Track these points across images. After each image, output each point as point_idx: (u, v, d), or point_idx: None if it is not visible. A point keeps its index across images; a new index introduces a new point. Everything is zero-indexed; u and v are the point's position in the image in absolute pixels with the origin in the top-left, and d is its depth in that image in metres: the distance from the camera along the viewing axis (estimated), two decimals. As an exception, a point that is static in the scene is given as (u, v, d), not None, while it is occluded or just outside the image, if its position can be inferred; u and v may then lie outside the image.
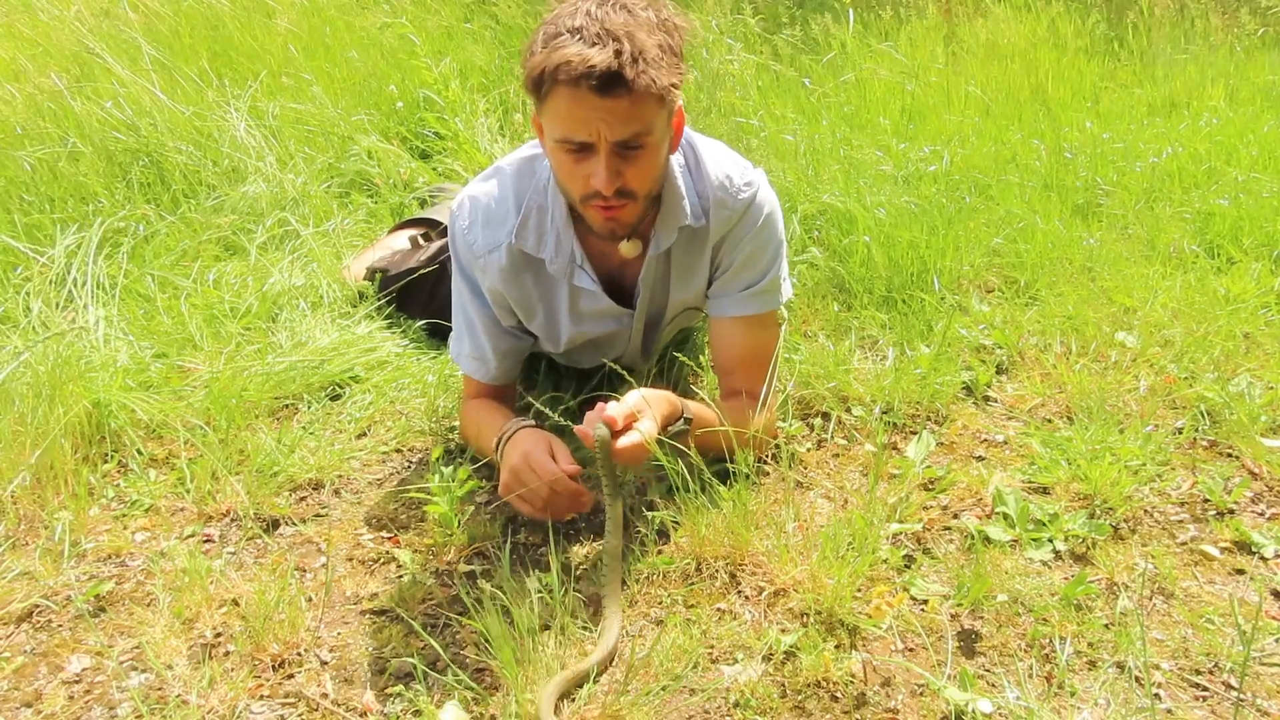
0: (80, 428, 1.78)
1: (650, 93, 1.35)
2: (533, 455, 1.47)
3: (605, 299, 1.67)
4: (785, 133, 2.95)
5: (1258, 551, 1.48)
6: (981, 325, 2.16)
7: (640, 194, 1.47)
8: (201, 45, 3.56)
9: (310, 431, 1.87)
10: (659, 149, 1.46)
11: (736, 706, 1.21)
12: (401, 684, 1.26)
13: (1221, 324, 2.07)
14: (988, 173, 2.89)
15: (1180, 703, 1.21)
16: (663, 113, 1.42)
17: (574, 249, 1.61)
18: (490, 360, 1.73)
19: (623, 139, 1.38)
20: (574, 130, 1.38)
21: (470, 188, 1.67)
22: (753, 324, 1.68)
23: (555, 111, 1.38)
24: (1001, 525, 1.53)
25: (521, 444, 1.51)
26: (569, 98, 1.34)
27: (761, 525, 1.51)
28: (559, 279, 1.65)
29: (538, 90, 1.38)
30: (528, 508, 1.52)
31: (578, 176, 1.44)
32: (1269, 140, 3.16)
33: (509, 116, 3.42)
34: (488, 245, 1.62)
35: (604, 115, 1.35)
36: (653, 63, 1.34)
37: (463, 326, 1.74)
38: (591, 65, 1.30)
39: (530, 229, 1.60)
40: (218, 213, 2.66)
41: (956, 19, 4.44)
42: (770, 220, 1.66)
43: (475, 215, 1.63)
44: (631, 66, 1.32)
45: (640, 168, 1.44)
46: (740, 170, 1.64)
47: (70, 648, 1.36)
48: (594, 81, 1.31)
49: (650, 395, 1.47)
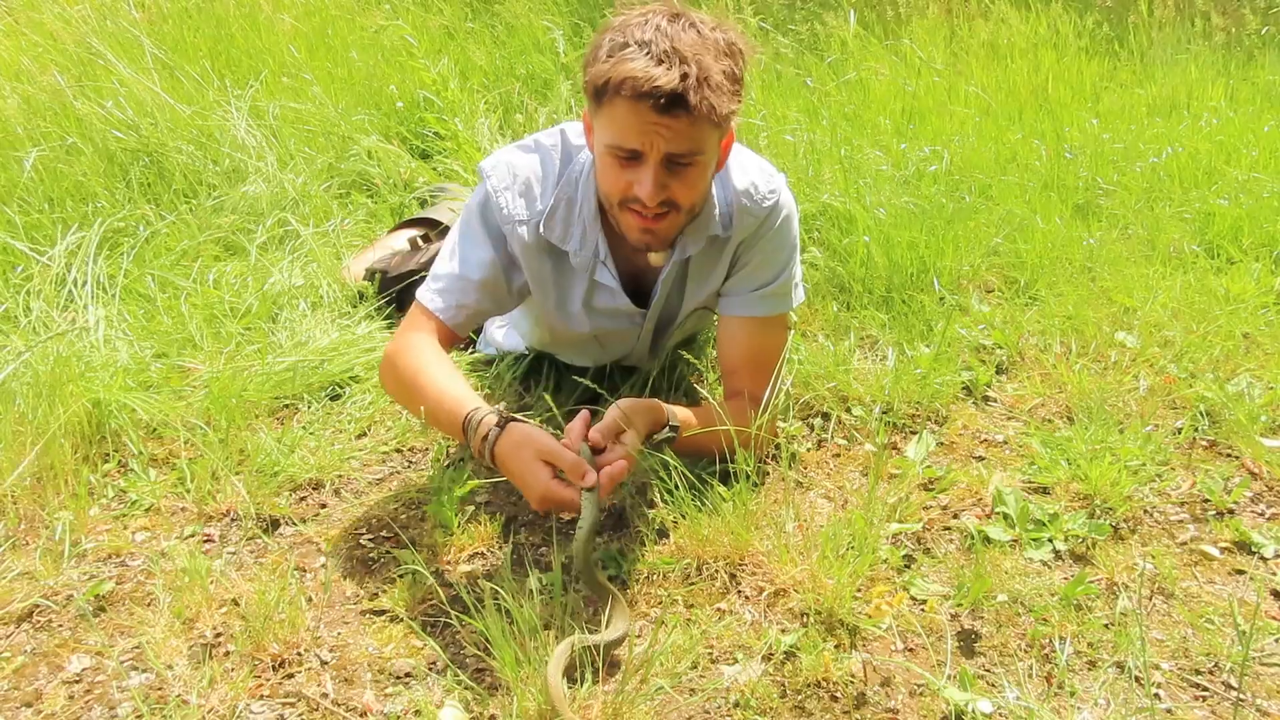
0: (80, 427, 1.78)
1: (710, 118, 1.36)
2: (554, 488, 1.38)
3: (623, 297, 1.67)
4: (785, 132, 2.95)
5: (1257, 551, 1.48)
6: (981, 325, 2.16)
7: (684, 208, 1.48)
8: (204, 44, 3.56)
9: (310, 431, 1.87)
10: (707, 168, 1.47)
11: (736, 706, 1.21)
12: (401, 684, 1.27)
13: (1221, 324, 2.07)
14: (988, 172, 2.89)
15: (1180, 703, 1.21)
16: (717, 134, 1.43)
17: (599, 244, 1.61)
18: (469, 293, 1.63)
19: (675, 154, 1.39)
20: (628, 139, 1.39)
21: (510, 154, 1.64)
22: (761, 325, 1.69)
23: (612, 120, 1.39)
24: (1001, 525, 1.53)
25: (532, 466, 1.39)
26: (629, 111, 1.35)
27: (761, 525, 1.51)
28: (580, 271, 1.65)
29: (598, 97, 1.39)
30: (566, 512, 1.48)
31: (622, 181, 1.44)
32: (1269, 140, 3.16)
33: (509, 116, 3.42)
34: (517, 216, 1.60)
35: (661, 130, 1.36)
36: (716, 89, 1.34)
37: (453, 251, 1.66)
38: (657, 85, 1.31)
39: (558, 219, 1.60)
40: (218, 213, 2.66)
41: (957, 19, 4.44)
42: (788, 224, 1.67)
43: (511, 181, 1.61)
44: (696, 91, 1.32)
45: (687, 183, 1.45)
46: (766, 178, 1.65)
47: (70, 648, 1.36)
48: (658, 101, 1.32)
49: (632, 407, 1.47)
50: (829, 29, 4.01)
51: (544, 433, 1.42)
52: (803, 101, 3.33)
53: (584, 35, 3.99)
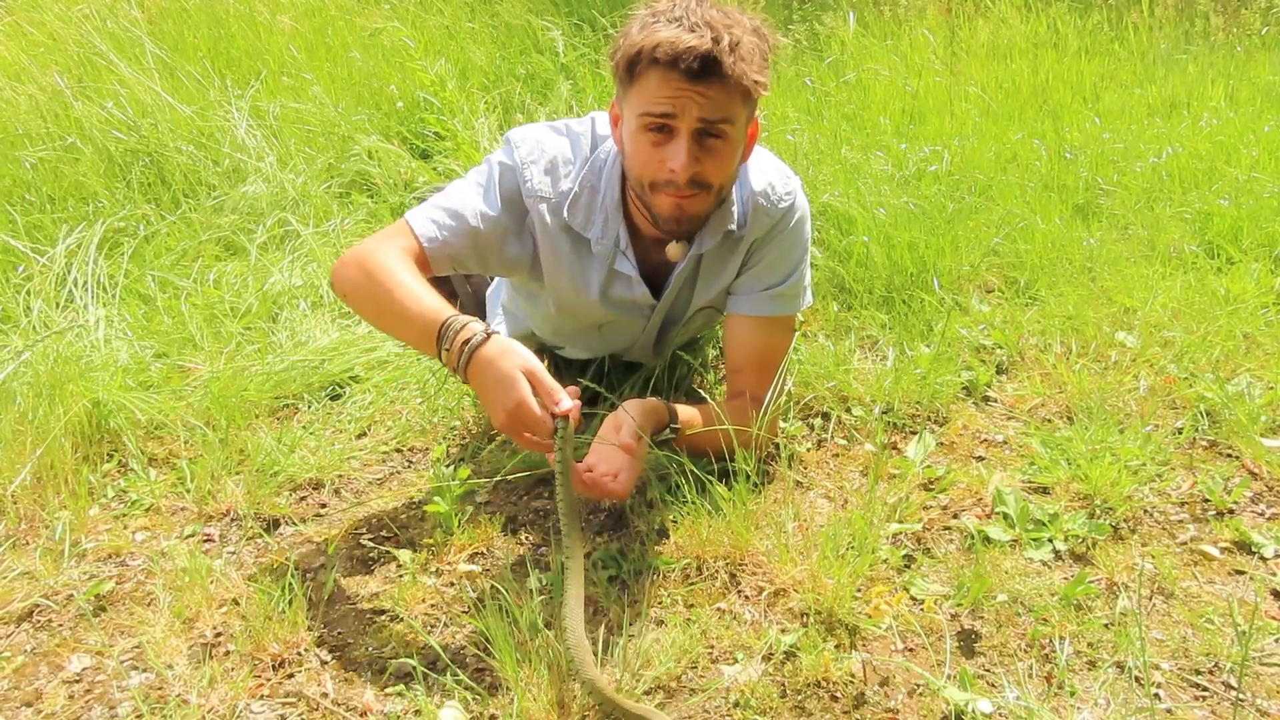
0: (80, 427, 1.79)
1: (741, 84, 1.38)
2: (528, 403, 1.30)
3: (641, 287, 1.67)
4: (786, 132, 2.95)
5: (1257, 551, 1.48)
6: (981, 325, 2.16)
7: (714, 186, 1.49)
8: (203, 44, 3.57)
9: (310, 431, 1.87)
10: (736, 146, 1.48)
11: (736, 706, 1.21)
12: (401, 684, 1.27)
13: (1221, 324, 2.07)
14: (988, 173, 2.89)
15: (1180, 703, 1.21)
16: (745, 110, 1.45)
17: (620, 233, 1.62)
18: (459, 236, 1.55)
19: (707, 120, 1.40)
20: (659, 104, 1.40)
21: (541, 131, 1.64)
22: (767, 325, 1.69)
23: (644, 90, 1.40)
24: (1001, 525, 1.53)
25: (513, 375, 1.31)
26: (661, 78, 1.38)
27: (761, 525, 1.51)
28: (599, 259, 1.65)
29: (630, 70, 1.41)
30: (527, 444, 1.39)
31: (654, 160, 1.45)
32: (1269, 140, 3.16)
33: (509, 116, 3.42)
34: (541, 192, 1.60)
35: (694, 95, 1.38)
36: (746, 56, 1.37)
37: (460, 192, 1.60)
38: (690, 47, 1.34)
39: (581, 206, 1.61)
40: (218, 213, 2.66)
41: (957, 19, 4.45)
42: (801, 225, 1.68)
43: (539, 157, 1.60)
44: (728, 55, 1.35)
45: (718, 160, 1.46)
46: (783, 179, 1.66)
47: (70, 647, 1.36)
48: (690, 63, 1.34)
49: (635, 407, 1.48)
50: (829, 29, 4.02)
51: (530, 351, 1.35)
52: (803, 101, 3.33)
53: (584, 35, 4.00)
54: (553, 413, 1.30)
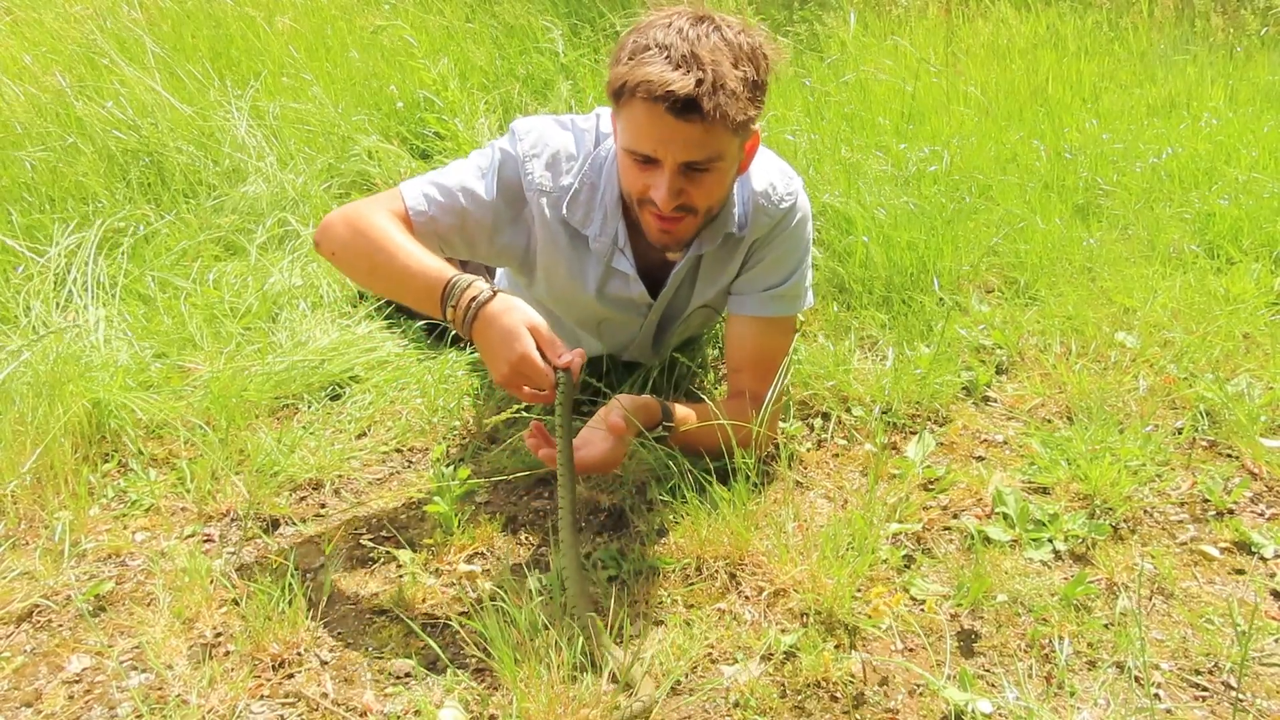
0: (80, 427, 1.78)
1: (725, 124, 1.36)
2: (532, 355, 1.35)
3: (639, 285, 1.67)
4: (785, 132, 2.95)
5: (1257, 552, 1.48)
6: (981, 325, 2.17)
7: (700, 210, 1.49)
8: (203, 44, 3.57)
9: (310, 431, 1.87)
10: (727, 172, 1.47)
11: (736, 706, 1.21)
12: (401, 684, 1.27)
13: (1221, 324, 2.07)
14: (987, 173, 2.89)
15: (1180, 703, 1.21)
16: (736, 140, 1.43)
17: (619, 231, 1.62)
18: (448, 215, 1.57)
19: (692, 160, 1.39)
20: (642, 144, 1.39)
21: (545, 125, 1.63)
22: (768, 326, 1.69)
23: (629, 122, 1.40)
24: (1001, 525, 1.53)
25: (519, 329, 1.36)
26: (645, 114, 1.36)
27: (761, 525, 1.51)
28: (597, 256, 1.65)
29: (617, 98, 1.40)
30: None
31: (639, 183, 1.45)
32: (1269, 140, 3.16)
33: (509, 116, 3.42)
34: (542, 185, 1.60)
35: (676, 137, 1.36)
36: (732, 95, 1.34)
37: (459, 172, 1.61)
38: (670, 89, 1.31)
39: (580, 203, 1.61)
40: (218, 213, 2.66)
41: (957, 19, 4.45)
42: (802, 226, 1.68)
43: (542, 150, 1.60)
44: (710, 98, 1.32)
45: (704, 188, 1.45)
46: (785, 180, 1.66)
47: (70, 647, 1.36)
48: (671, 104, 1.32)
49: (629, 403, 1.48)
50: (829, 29, 4.02)
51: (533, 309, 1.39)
52: (803, 101, 3.33)
53: (583, 35, 4.00)
54: (554, 365, 1.34)
